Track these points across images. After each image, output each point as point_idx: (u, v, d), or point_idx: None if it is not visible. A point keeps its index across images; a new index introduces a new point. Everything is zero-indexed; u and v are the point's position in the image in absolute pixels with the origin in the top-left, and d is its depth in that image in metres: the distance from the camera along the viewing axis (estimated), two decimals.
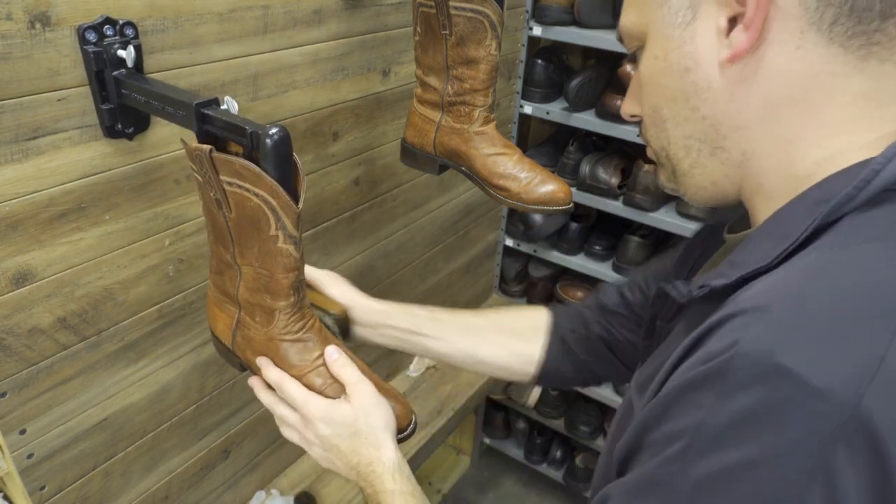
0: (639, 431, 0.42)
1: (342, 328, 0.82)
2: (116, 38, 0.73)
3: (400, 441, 0.70)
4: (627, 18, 0.51)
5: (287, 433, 0.72)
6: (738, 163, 0.47)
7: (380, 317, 0.85)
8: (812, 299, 0.37)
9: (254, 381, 0.74)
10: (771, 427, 0.34)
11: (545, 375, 0.83)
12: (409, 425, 0.70)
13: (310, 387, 0.69)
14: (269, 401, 0.72)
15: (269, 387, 0.72)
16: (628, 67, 1.51)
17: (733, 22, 0.43)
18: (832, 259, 0.39)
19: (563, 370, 0.82)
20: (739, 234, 0.52)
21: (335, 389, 0.69)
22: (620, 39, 0.54)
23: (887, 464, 0.32)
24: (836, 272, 0.38)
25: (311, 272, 0.85)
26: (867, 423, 0.33)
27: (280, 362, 0.70)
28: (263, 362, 0.71)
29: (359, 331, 0.85)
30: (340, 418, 0.67)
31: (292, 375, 0.70)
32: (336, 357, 0.70)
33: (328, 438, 0.67)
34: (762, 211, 0.47)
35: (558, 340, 0.83)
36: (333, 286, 0.86)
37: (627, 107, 0.56)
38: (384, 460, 0.65)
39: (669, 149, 0.51)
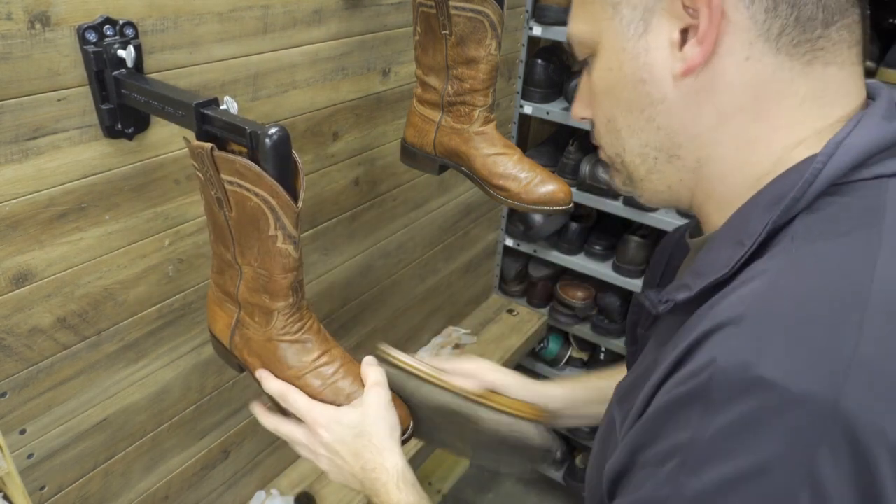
0: (630, 451, 0.42)
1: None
2: (116, 38, 0.73)
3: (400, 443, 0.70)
4: (577, 27, 0.50)
5: (299, 451, 0.70)
6: (693, 168, 0.48)
7: (574, 405, 0.83)
8: (778, 305, 0.37)
9: (255, 408, 0.73)
10: (756, 439, 0.34)
11: None
12: (406, 429, 0.70)
13: (307, 388, 0.69)
14: (273, 424, 0.71)
15: (272, 410, 0.71)
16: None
17: (685, 33, 0.44)
18: (791, 263, 0.40)
19: None
20: (700, 239, 0.52)
21: (334, 391, 0.69)
22: (570, 47, 0.53)
23: (871, 465, 0.32)
24: (796, 275, 0.39)
25: (495, 377, 0.79)
26: (847, 422, 0.33)
27: (278, 363, 0.70)
28: (263, 375, 0.70)
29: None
30: (346, 421, 0.66)
31: (290, 376, 0.69)
32: (369, 357, 0.71)
33: (331, 444, 0.66)
34: (715, 216, 0.49)
35: None
36: (515, 390, 0.80)
37: (577, 109, 0.56)
38: (388, 467, 0.64)
39: (625, 156, 0.51)
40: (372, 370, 0.70)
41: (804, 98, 0.44)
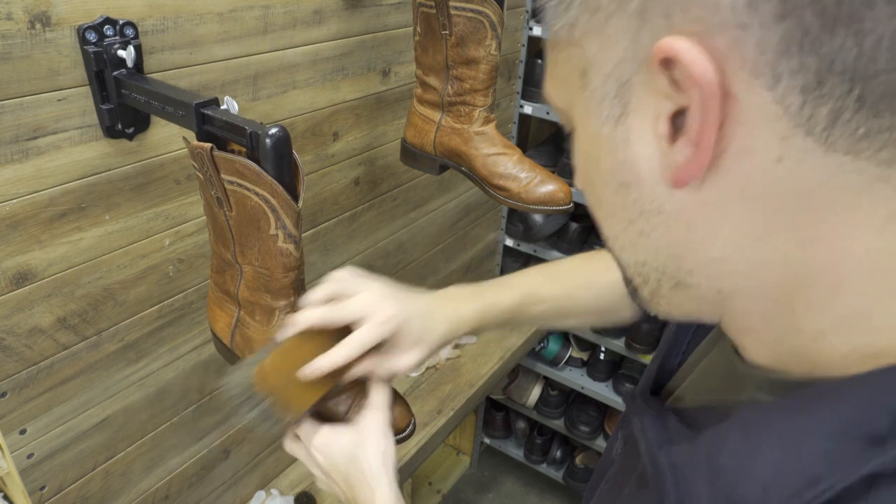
0: None
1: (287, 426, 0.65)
2: (116, 38, 0.73)
3: (398, 442, 0.69)
4: (551, 89, 0.36)
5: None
6: (714, 300, 0.33)
7: (483, 324, 0.71)
8: None
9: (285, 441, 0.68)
10: None
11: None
12: (407, 426, 0.70)
13: None
14: (290, 448, 0.66)
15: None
16: None
17: (676, 121, 0.28)
18: None
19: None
20: (761, 375, 0.35)
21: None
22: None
23: None
24: None
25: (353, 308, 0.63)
26: None
27: None
28: None
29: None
30: (339, 447, 0.61)
31: None
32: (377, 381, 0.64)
33: (324, 467, 0.62)
34: (754, 351, 0.35)
35: None
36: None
37: (577, 182, 0.40)
38: (376, 500, 0.59)
39: (625, 269, 0.37)
40: (376, 391, 0.64)
41: (888, 218, 0.27)
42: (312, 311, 0.62)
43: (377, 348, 0.63)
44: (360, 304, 0.62)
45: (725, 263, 0.31)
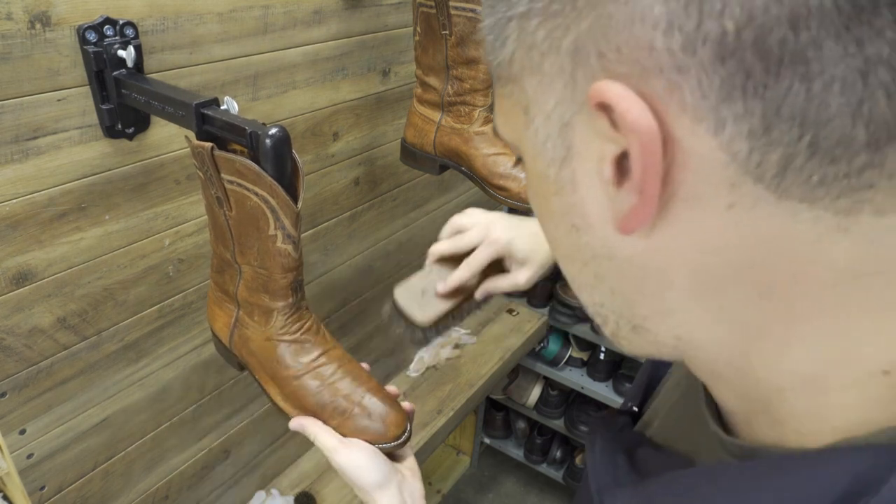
0: None
1: (423, 338, 0.78)
2: (116, 38, 0.73)
3: (394, 448, 0.69)
4: (500, 124, 0.33)
5: None
6: (674, 346, 0.32)
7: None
8: None
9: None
10: None
11: None
12: (402, 434, 0.69)
13: (305, 390, 0.69)
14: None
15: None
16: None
17: (626, 160, 0.26)
18: None
19: None
20: (710, 417, 0.35)
21: (332, 391, 0.69)
22: None
23: None
24: None
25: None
26: None
27: (276, 363, 0.70)
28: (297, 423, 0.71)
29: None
30: (344, 465, 0.67)
31: (288, 376, 0.70)
32: (303, 428, 0.70)
33: (342, 477, 0.68)
34: (723, 398, 0.33)
35: None
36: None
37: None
38: None
39: (586, 309, 0.35)
40: (322, 437, 0.69)
41: (845, 270, 0.25)
42: (442, 243, 0.78)
43: (497, 269, 0.77)
44: (476, 232, 0.76)
45: (679, 315, 0.29)
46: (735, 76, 0.22)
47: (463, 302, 0.77)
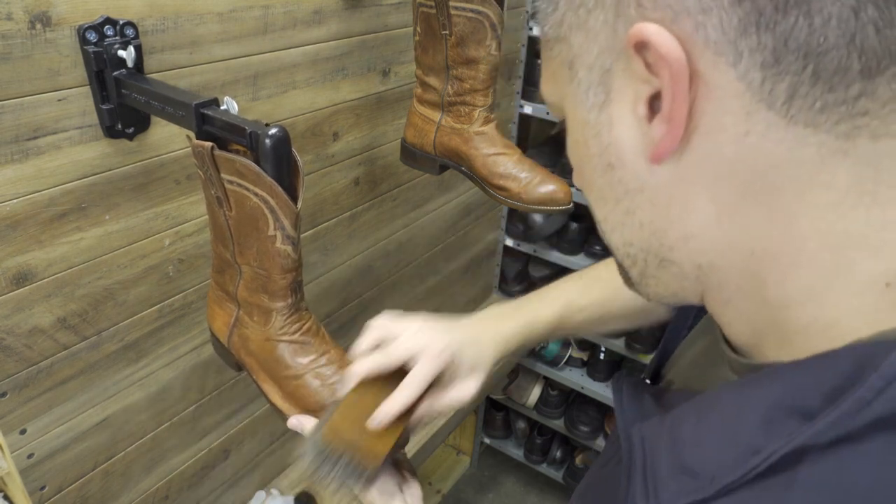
0: None
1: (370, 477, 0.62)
2: (116, 38, 0.73)
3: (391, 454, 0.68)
4: (545, 87, 0.39)
5: None
6: (694, 277, 0.36)
7: (528, 341, 0.74)
8: None
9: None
10: None
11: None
12: (402, 434, 0.69)
13: (305, 390, 0.69)
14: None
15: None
16: None
17: (657, 101, 0.31)
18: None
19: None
20: (725, 349, 0.39)
21: (331, 392, 0.69)
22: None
23: None
24: None
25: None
26: None
27: (275, 363, 0.70)
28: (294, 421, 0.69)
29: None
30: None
31: (287, 377, 0.70)
32: (301, 426, 0.64)
33: None
34: (734, 328, 0.37)
35: None
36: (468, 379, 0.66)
37: (575, 180, 0.44)
38: None
39: (614, 253, 0.40)
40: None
41: (846, 191, 0.29)
42: (363, 361, 0.62)
43: (435, 385, 0.63)
44: (409, 343, 0.62)
45: (700, 240, 0.34)
46: (750, 14, 0.27)
47: (400, 435, 0.62)
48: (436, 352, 0.62)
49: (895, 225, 0.29)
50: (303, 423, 0.69)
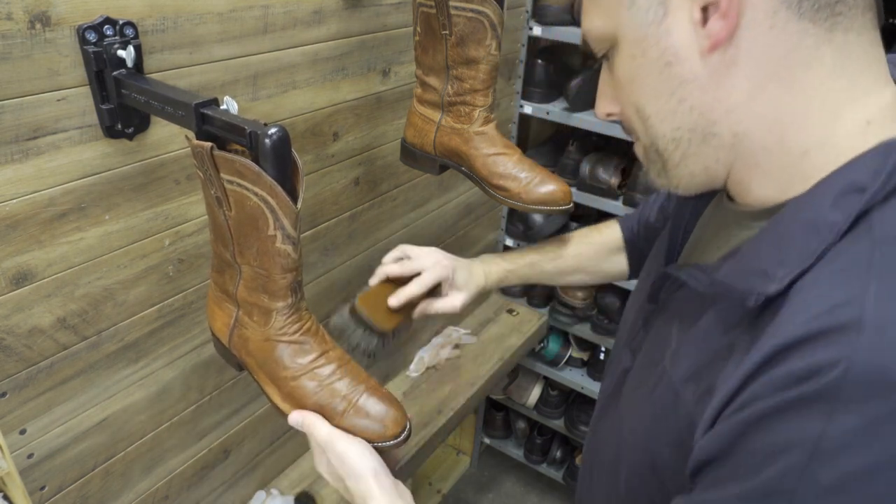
0: (728, 441, 0.43)
1: (379, 346, 0.86)
2: (116, 38, 0.73)
3: (393, 447, 0.69)
4: (592, 24, 0.51)
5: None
6: (730, 145, 0.48)
7: (505, 280, 1.01)
8: None
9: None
10: (893, 433, 0.36)
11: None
12: (401, 432, 0.69)
13: (304, 390, 0.69)
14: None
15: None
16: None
17: (706, 11, 0.45)
18: (888, 261, 0.40)
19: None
20: (745, 209, 0.52)
21: (330, 392, 0.69)
22: (586, 44, 0.54)
23: None
24: None
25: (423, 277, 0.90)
26: None
27: (275, 363, 0.70)
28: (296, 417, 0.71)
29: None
30: (339, 451, 0.66)
31: (287, 377, 0.69)
32: (302, 420, 0.69)
33: (327, 475, 0.69)
34: (758, 189, 0.50)
35: (637, 252, 0.97)
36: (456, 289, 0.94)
37: (602, 106, 0.56)
38: None
39: (658, 143, 0.51)
40: (315, 428, 0.69)
41: (832, 66, 0.44)
42: (389, 266, 0.91)
43: (433, 293, 0.91)
44: (423, 260, 0.92)
45: (738, 112, 0.47)
46: None
47: (405, 319, 0.88)
48: (439, 267, 0.91)
49: (862, 87, 0.45)
50: (304, 416, 0.69)
